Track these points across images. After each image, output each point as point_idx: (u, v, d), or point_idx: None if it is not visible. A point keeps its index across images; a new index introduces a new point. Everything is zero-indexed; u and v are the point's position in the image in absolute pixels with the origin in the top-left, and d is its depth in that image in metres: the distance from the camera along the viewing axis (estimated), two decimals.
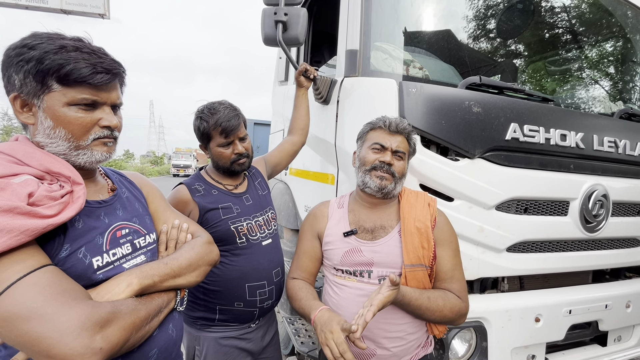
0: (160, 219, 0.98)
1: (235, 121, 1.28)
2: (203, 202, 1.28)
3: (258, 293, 1.31)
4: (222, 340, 1.31)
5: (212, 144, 1.32)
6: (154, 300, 0.79)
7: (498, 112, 1.47)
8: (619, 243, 1.86)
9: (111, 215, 0.83)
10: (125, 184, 0.95)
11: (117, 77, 0.79)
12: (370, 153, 1.18)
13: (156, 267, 0.82)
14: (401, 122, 1.19)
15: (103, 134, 0.77)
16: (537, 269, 1.62)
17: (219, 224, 1.27)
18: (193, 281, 0.89)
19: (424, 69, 1.71)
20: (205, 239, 0.99)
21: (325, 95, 1.74)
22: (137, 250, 0.85)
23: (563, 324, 1.60)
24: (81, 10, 9.10)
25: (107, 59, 0.75)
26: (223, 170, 1.37)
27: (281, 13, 1.53)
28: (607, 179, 1.73)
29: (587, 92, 2.40)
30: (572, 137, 1.61)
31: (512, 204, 1.54)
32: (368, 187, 1.15)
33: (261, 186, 1.50)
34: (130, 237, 0.85)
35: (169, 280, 0.83)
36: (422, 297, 1.05)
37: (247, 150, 1.35)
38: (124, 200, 0.89)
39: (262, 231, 1.37)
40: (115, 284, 0.74)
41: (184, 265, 0.87)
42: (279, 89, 2.91)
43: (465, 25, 1.97)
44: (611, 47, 2.42)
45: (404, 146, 1.18)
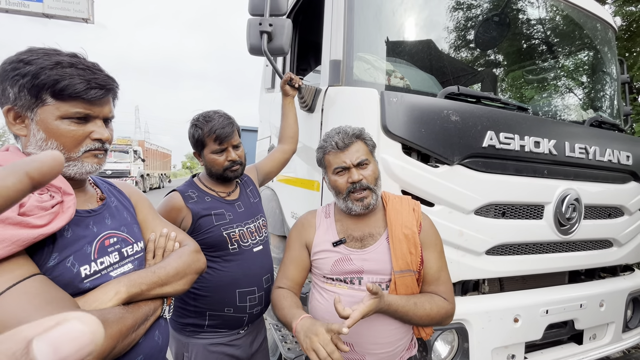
0: (149, 228, 1.00)
1: (229, 129, 1.32)
2: (196, 208, 1.29)
3: (248, 299, 1.33)
4: (210, 346, 1.31)
5: (206, 150, 1.34)
6: (141, 308, 0.80)
7: (475, 120, 1.53)
8: (593, 245, 1.95)
9: (100, 224, 0.84)
10: (114, 193, 0.96)
11: (110, 92, 0.81)
12: (338, 179, 1.16)
13: (144, 276, 0.83)
14: (346, 132, 1.16)
15: (94, 146, 0.80)
16: (516, 271, 1.68)
17: (212, 230, 1.29)
18: (180, 289, 0.91)
19: (405, 79, 1.77)
20: (192, 247, 1.00)
21: (310, 104, 1.78)
22: (125, 259, 0.87)
23: (540, 323, 1.66)
24: (64, 15, 8.94)
25: (102, 74, 0.78)
26: (216, 177, 1.39)
27: (266, 24, 1.56)
28: (579, 183, 1.82)
29: (560, 100, 2.52)
30: (545, 144, 1.69)
31: (490, 209, 1.60)
32: (354, 211, 1.16)
33: (253, 194, 1.52)
34: (118, 245, 0.86)
35: (156, 288, 0.84)
36: (409, 304, 1.07)
37: (241, 157, 1.38)
38: (113, 210, 0.90)
39: (254, 238, 1.39)
40: (103, 292, 0.75)
41: (172, 274, 0.88)
42: (266, 96, 2.94)
43: (446, 36, 2.05)
44: (583, 58, 2.55)
45: (362, 151, 1.15)
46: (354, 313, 0.93)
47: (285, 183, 2.37)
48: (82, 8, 8.93)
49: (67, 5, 8.86)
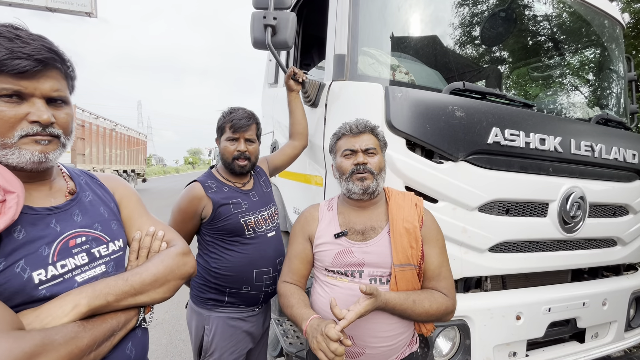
0: (135, 225, 0.91)
1: (245, 122, 1.44)
2: (216, 197, 1.41)
3: (264, 278, 1.45)
4: (229, 320, 1.45)
5: (223, 137, 1.48)
6: (105, 322, 0.71)
7: (480, 116, 1.52)
8: (596, 243, 1.94)
9: (65, 221, 0.75)
10: (92, 186, 0.88)
11: (48, 66, 0.69)
12: (344, 160, 1.21)
13: (113, 285, 0.73)
14: (361, 122, 1.22)
15: (32, 130, 0.68)
16: (519, 269, 1.67)
17: (230, 218, 1.40)
18: (159, 298, 0.81)
19: (410, 74, 1.75)
20: (179, 249, 0.90)
21: (313, 99, 1.77)
22: (96, 260, 0.78)
23: (543, 321, 1.66)
24: (67, 9, 8.93)
25: (35, 44, 0.66)
26: (226, 167, 1.50)
27: (270, 17, 1.55)
28: (584, 181, 1.80)
29: (566, 97, 2.50)
30: (551, 141, 1.67)
31: (494, 206, 1.59)
32: (354, 192, 1.18)
33: (265, 184, 1.64)
34: (88, 245, 0.77)
35: (127, 298, 0.75)
36: (407, 302, 1.07)
37: (250, 153, 1.48)
38: (86, 205, 0.82)
39: (267, 224, 1.51)
40: (58, 306, 0.65)
41: (148, 281, 0.78)
42: (269, 91, 2.93)
43: (451, 32, 2.03)
44: (589, 55, 2.53)
45: (373, 142, 1.21)
46: (349, 314, 0.95)
47: (287, 178, 2.37)
48: (85, 2, 8.91)
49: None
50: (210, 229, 1.43)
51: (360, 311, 0.96)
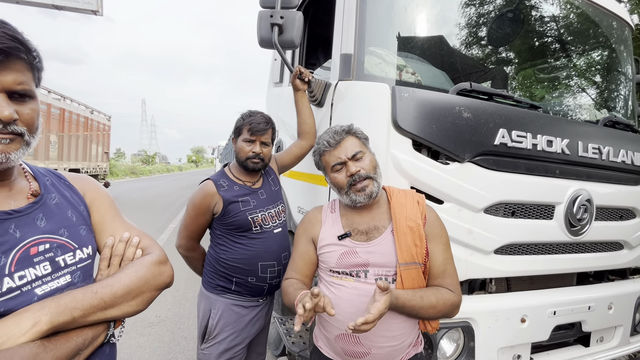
0: (107, 231, 0.83)
1: (263, 126, 1.52)
2: (227, 195, 1.49)
3: (269, 271, 1.53)
4: (234, 307, 1.54)
5: (240, 137, 1.55)
6: (70, 340, 0.64)
7: (487, 117, 1.51)
8: (603, 246, 1.92)
9: (27, 227, 0.68)
10: (59, 187, 0.80)
11: (11, 56, 0.61)
12: (337, 175, 1.19)
13: (80, 298, 0.66)
14: (336, 130, 1.20)
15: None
16: (524, 271, 1.66)
17: (239, 215, 1.49)
18: (132, 311, 0.74)
19: (417, 74, 1.75)
20: (156, 257, 0.82)
21: (319, 98, 1.77)
22: (61, 270, 0.70)
23: (548, 324, 1.65)
24: (73, 6, 8.97)
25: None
26: (240, 164, 1.57)
27: (277, 16, 1.55)
28: (591, 184, 1.79)
29: (573, 99, 2.48)
30: (558, 143, 1.66)
31: (500, 207, 1.58)
32: (359, 202, 1.17)
33: (274, 182, 1.70)
34: (51, 253, 0.69)
35: (96, 313, 0.68)
36: (415, 298, 1.07)
37: (264, 155, 1.55)
38: (51, 208, 0.74)
39: (274, 221, 1.59)
40: (15, 323, 0.58)
41: (120, 294, 0.71)
42: (274, 90, 2.93)
43: (458, 32, 2.02)
44: (597, 57, 2.50)
45: (355, 144, 1.18)
46: (371, 315, 0.91)
47: (291, 178, 2.37)
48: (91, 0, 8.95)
49: None
50: (221, 224, 1.52)
51: (381, 309, 0.93)
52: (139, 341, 2.99)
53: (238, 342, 1.55)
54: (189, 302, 3.87)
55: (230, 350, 1.54)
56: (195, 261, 1.68)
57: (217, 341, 1.52)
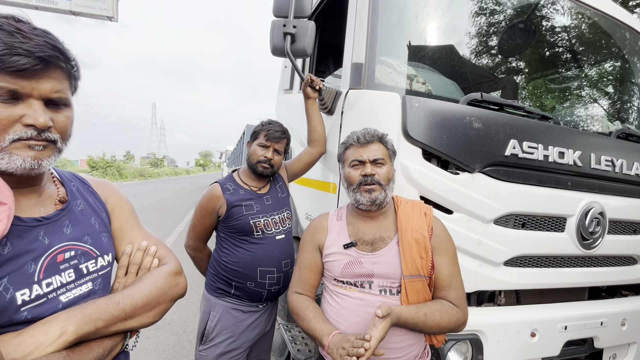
0: (125, 238, 0.84)
1: (279, 134, 1.59)
2: (231, 198, 1.53)
3: (267, 277, 1.54)
4: (232, 310, 1.56)
5: (256, 142, 1.61)
6: (92, 351, 0.65)
7: (498, 128, 1.51)
8: (616, 261, 1.88)
9: (54, 234, 0.68)
10: (84, 193, 0.81)
11: (51, 65, 0.62)
12: (352, 171, 1.20)
13: (103, 309, 0.67)
14: (368, 131, 1.22)
15: (26, 134, 0.61)
16: (534, 284, 1.63)
17: (241, 218, 1.52)
18: (148, 322, 0.75)
19: (427, 84, 1.75)
20: (172, 268, 0.83)
21: (330, 106, 1.78)
22: (83, 277, 0.71)
23: (559, 339, 1.61)
24: (90, 12, 9.22)
25: (37, 40, 0.60)
26: (249, 167, 1.62)
27: (290, 25, 1.57)
28: (604, 197, 1.76)
29: (585, 110, 2.45)
30: (570, 155, 1.64)
31: (510, 219, 1.56)
32: (361, 203, 1.17)
33: (281, 189, 1.72)
34: (76, 261, 0.70)
35: (117, 323, 0.68)
36: (419, 315, 1.06)
37: (275, 162, 1.60)
38: (77, 215, 0.75)
39: (277, 227, 1.60)
40: (43, 332, 0.59)
41: (140, 305, 0.72)
42: (284, 97, 2.96)
43: (468, 42, 2.02)
44: (610, 68, 2.48)
45: (381, 152, 1.20)
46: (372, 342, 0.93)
47: (300, 184, 2.38)
48: (107, 6, 9.19)
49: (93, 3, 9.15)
50: (224, 227, 1.56)
51: (380, 336, 0.94)
52: (144, 344, 3.01)
53: (236, 346, 1.56)
54: (194, 305, 3.88)
55: (227, 354, 1.55)
56: (201, 262, 1.73)
57: (214, 344, 1.54)
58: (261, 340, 1.69)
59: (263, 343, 1.72)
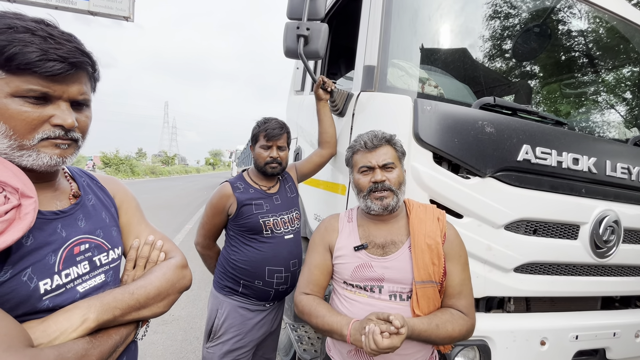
0: (133, 233, 0.88)
1: (278, 131, 1.57)
2: (241, 197, 1.55)
3: (275, 276, 1.55)
4: (240, 309, 1.57)
5: (257, 145, 1.61)
6: (111, 338, 0.69)
7: (511, 133, 1.49)
8: (630, 271, 1.84)
9: (71, 227, 0.72)
10: (94, 189, 0.84)
11: (79, 69, 0.66)
12: (362, 177, 1.18)
13: (120, 298, 0.70)
14: (376, 134, 1.19)
15: (54, 134, 0.64)
16: (545, 292, 1.61)
17: (251, 217, 1.53)
18: (159, 312, 0.79)
19: (439, 87, 1.74)
20: (179, 261, 0.87)
21: (341, 108, 1.79)
22: (97, 269, 0.75)
23: (569, 349, 1.58)
24: (107, 12, 9.45)
25: (68, 46, 0.63)
26: (258, 170, 1.63)
27: (303, 28, 1.59)
28: (619, 205, 1.72)
29: (601, 116, 2.40)
30: (584, 162, 1.61)
31: (521, 225, 1.55)
32: (372, 210, 1.16)
33: (291, 189, 1.73)
34: (90, 253, 0.74)
35: (132, 313, 0.72)
36: (431, 327, 1.04)
37: (282, 159, 1.60)
38: (89, 209, 0.78)
39: (286, 227, 1.61)
40: (67, 319, 0.62)
41: (152, 295, 0.76)
42: (295, 98, 2.98)
43: (481, 45, 2.01)
44: (628, 73, 2.43)
45: (390, 155, 1.17)
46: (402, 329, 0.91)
47: (308, 185, 2.39)
48: (124, 7, 9.41)
49: (110, 3, 9.38)
50: (234, 225, 1.57)
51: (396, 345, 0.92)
52: (152, 338, 3.06)
53: (242, 344, 1.58)
54: (201, 302, 3.93)
55: (234, 352, 1.57)
56: (210, 259, 1.75)
57: (221, 341, 1.56)
58: (267, 339, 1.71)
59: (269, 342, 1.73)
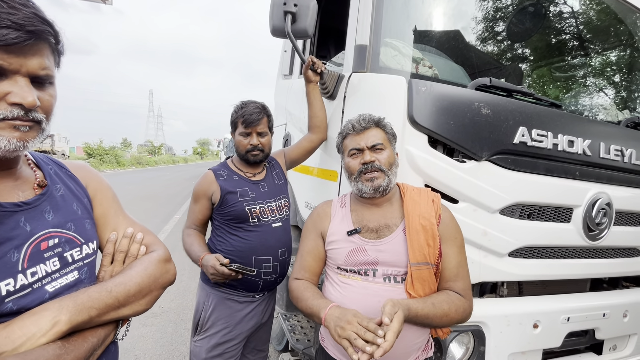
0: (109, 225, 0.80)
1: (256, 116, 1.49)
2: (224, 185, 1.49)
3: (263, 266, 1.50)
4: (227, 301, 1.53)
5: (236, 132, 1.54)
6: (86, 341, 0.62)
7: (507, 115, 1.45)
8: (619, 252, 1.86)
9: (36, 220, 0.64)
10: (63, 178, 0.76)
11: (39, 39, 0.57)
12: (352, 160, 1.17)
13: (96, 297, 0.64)
14: (364, 117, 1.18)
15: (12, 114, 0.56)
16: (538, 275, 1.61)
17: (236, 205, 1.47)
18: (141, 310, 0.73)
19: (434, 68, 1.68)
20: (161, 255, 0.81)
21: (331, 90, 1.71)
22: (68, 266, 0.68)
23: (561, 331, 1.60)
24: None
25: (25, 11, 0.55)
26: (240, 158, 1.57)
27: (291, 4, 1.49)
28: (612, 187, 1.72)
29: (593, 99, 2.39)
30: (579, 144, 1.59)
31: (516, 209, 1.52)
32: (364, 192, 1.14)
33: (278, 176, 1.67)
34: (60, 249, 0.67)
35: (110, 312, 0.66)
36: (427, 306, 1.02)
37: (263, 145, 1.53)
38: (57, 200, 0.70)
39: (274, 215, 1.55)
40: (34, 323, 0.55)
41: (133, 292, 0.70)
42: (283, 82, 2.87)
43: (475, 26, 1.94)
44: (620, 55, 2.41)
45: (380, 136, 1.16)
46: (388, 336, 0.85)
47: (299, 172, 2.32)
48: None
49: None
50: (219, 214, 1.52)
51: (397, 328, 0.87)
52: (142, 331, 3.00)
53: (231, 337, 1.53)
54: (191, 293, 3.87)
55: (222, 345, 1.51)
56: None
57: (208, 334, 1.51)
58: (259, 330, 1.66)
59: (261, 334, 1.69)
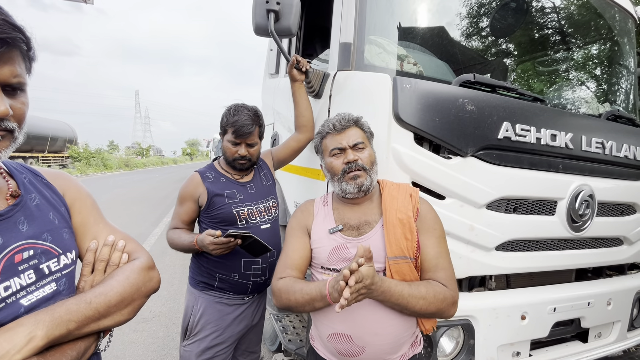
0: (89, 234, 0.78)
1: (247, 129, 1.45)
2: (211, 187, 1.48)
3: (252, 268, 1.50)
4: (217, 304, 1.51)
5: (225, 137, 1.51)
6: (65, 355, 0.60)
7: (491, 110, 1.46)
8: (603, 242, 1.91)
9: (9, 232, 0.62)
10: (38, 186, 0.73)
11: (10, 47, 0.56)
12: (334, 160, 1.18)
13: (74, 309, 0.61)
14: (343, 117, 1.20)
15: None
16: (525, 268, 1.64)
17: (223, 207, 1.46)
18: (123, 320, 0.71)
19: (418, 65, 1.68)
20: (144, 263, 0.78)
21: (317, 89, 1.70)
22: (45, 278, 0.65)
23: (548, 321, 1.63)
24: None
25: None
26: (226, 162, 1.55)
27: (273, 2, 1.47)
28: (594, 179, 1.76)
29: (575, 93, 2.44)
30: (562, 138, 1.62)
31: (502, 203, 1.54)
32: (348, 192, 1.15)
33: (266, 177, 1.65)
34: (35, 260, 0.64)
35: (90, 324, 0.64)
36: (402, 284, 1.02)
37: (252, 155, 1.51)
38: (32, 210, 0.68)
39: (262, 217, 1.54)
40: (8, 340, 0.53)
41: (114, 302, 0.67)
42: (270, 81, 2.85)
43: (459, 22, 1.95)
44: (600, 49, 2.46)
45: (359, 135, 1.18)
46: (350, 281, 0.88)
47: (288, 172, 2.31)
48: None
49: None
50: (206, 217, 1.50)
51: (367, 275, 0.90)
52: (132, 337, 2.95)
53: (221, 340, 1.51)
54: (183, 297, 3.81)
55: (212, 349, 1.50)
56: None
57: (198, 339, 1.49)
58: (249, 333, 1.65)
59: (252, 336, 1.68)
